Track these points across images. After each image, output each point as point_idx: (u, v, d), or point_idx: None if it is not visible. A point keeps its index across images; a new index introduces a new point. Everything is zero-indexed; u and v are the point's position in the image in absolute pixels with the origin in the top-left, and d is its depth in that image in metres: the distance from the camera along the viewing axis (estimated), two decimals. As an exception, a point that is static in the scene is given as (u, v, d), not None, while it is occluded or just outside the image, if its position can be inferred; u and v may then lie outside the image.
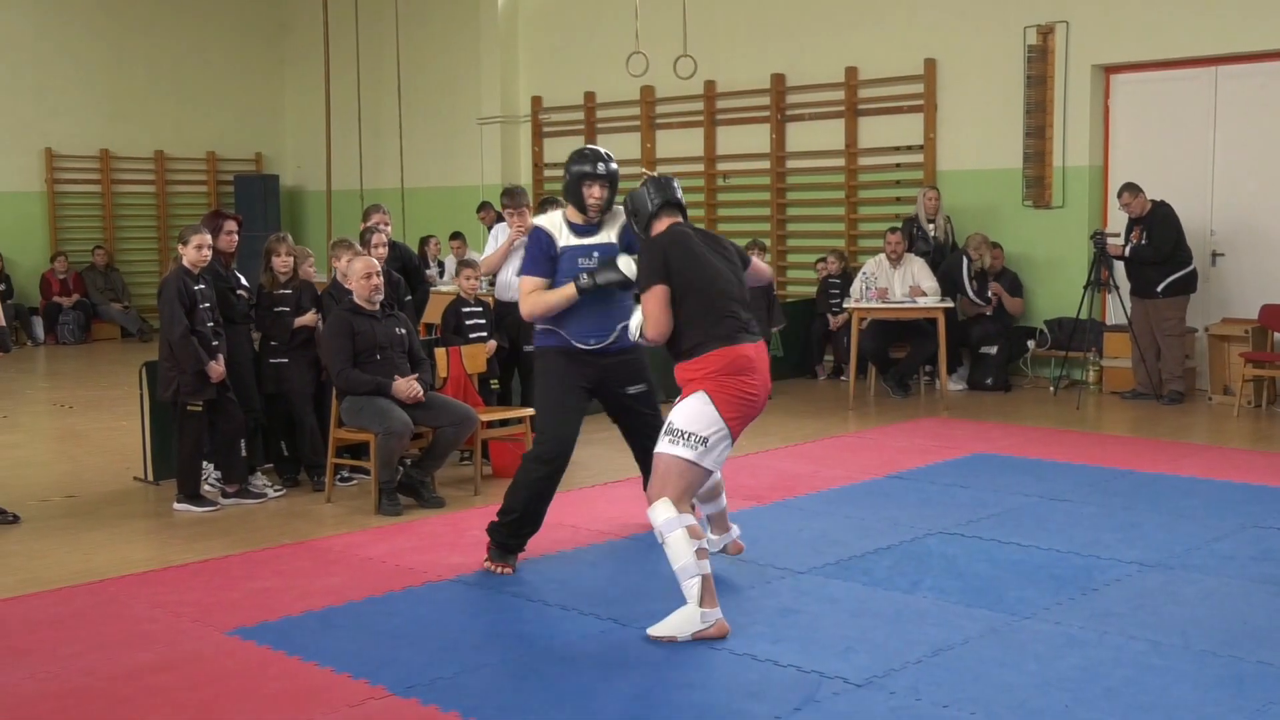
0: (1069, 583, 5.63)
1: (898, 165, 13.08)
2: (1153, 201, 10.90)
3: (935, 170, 12.75)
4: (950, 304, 11.19)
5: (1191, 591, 5.53)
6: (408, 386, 7.21)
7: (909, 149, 12.96)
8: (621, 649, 4.91)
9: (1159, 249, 10.76)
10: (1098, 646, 4.82)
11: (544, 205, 9.83)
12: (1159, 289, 10.82)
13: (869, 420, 10.23)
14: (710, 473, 5.19)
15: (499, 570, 5.90)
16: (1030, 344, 12.09)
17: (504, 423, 8.05)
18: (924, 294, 11.20)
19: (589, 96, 15.44)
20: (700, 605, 4.91)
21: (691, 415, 5.08)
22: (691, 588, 4.92)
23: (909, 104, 12.89)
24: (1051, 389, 11.67)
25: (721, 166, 14.50)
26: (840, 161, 13.46)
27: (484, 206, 14.26)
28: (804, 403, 11.18)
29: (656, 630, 4.96)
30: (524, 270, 6.00)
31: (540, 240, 5.97)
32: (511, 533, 5.92)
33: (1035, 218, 12.22)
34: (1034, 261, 12.22)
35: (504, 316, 8.89)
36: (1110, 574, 5.75)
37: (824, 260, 12.82)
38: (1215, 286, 11.35)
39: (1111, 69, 11.92)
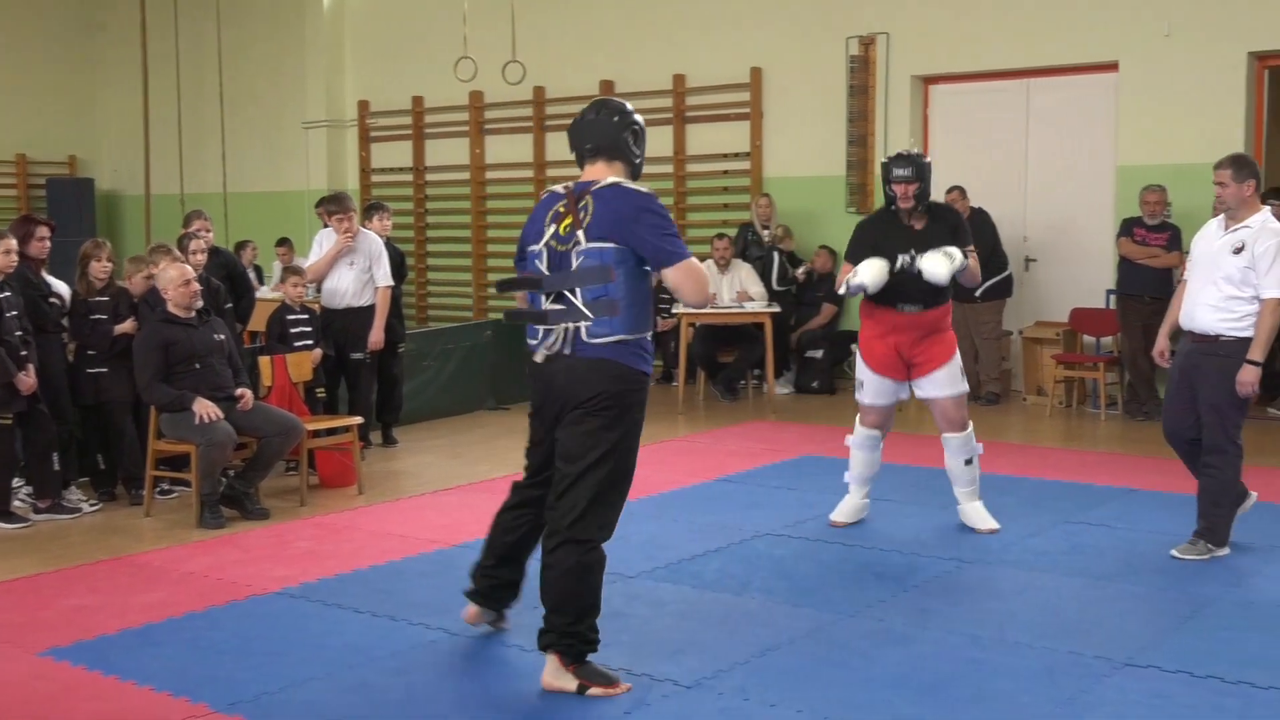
0: (891, 580, 5.76)
1: (725, 172, 13.25)
2: (972, 208, 11.23)
3: (762, 177, 12.94)
4: (777, 309, 11.36)
5: (1008, 586, 5.71)
6: (203, 408, 6.98)
7: (736, 156, 13.14)
8: (452, 658, 4.88)
9: (978, 255, 11.07)
10: (919, 642, 4.95)
11: (370, 211, 9.73)
12: (977, 294, 11.14)
13: (698, 424, 10.33)
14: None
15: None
16: (854, 348, 12.32)
17: (330, 431, 7.93)
18: (751, 299, 11.35)
19: (417, 101, 15.29)
20: None
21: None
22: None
23: (736, 112, 13.07)
24: (876, 391, 11.92)
25: (551, 173, 14.49)
26: (669, 168, 13.56)
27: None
28: (635, 407, 11.22)
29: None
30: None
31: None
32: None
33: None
34: (857, 267, 12.45)
35: (330, 323, 8.75)
36: (931, 571, 5.91)
37: (652, 266, 12.89)
38: (1029, 291, 11.75)
39: (930, 80, 12.26)
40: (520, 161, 14.57)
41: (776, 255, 12.03)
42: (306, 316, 8.55)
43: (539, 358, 4.49)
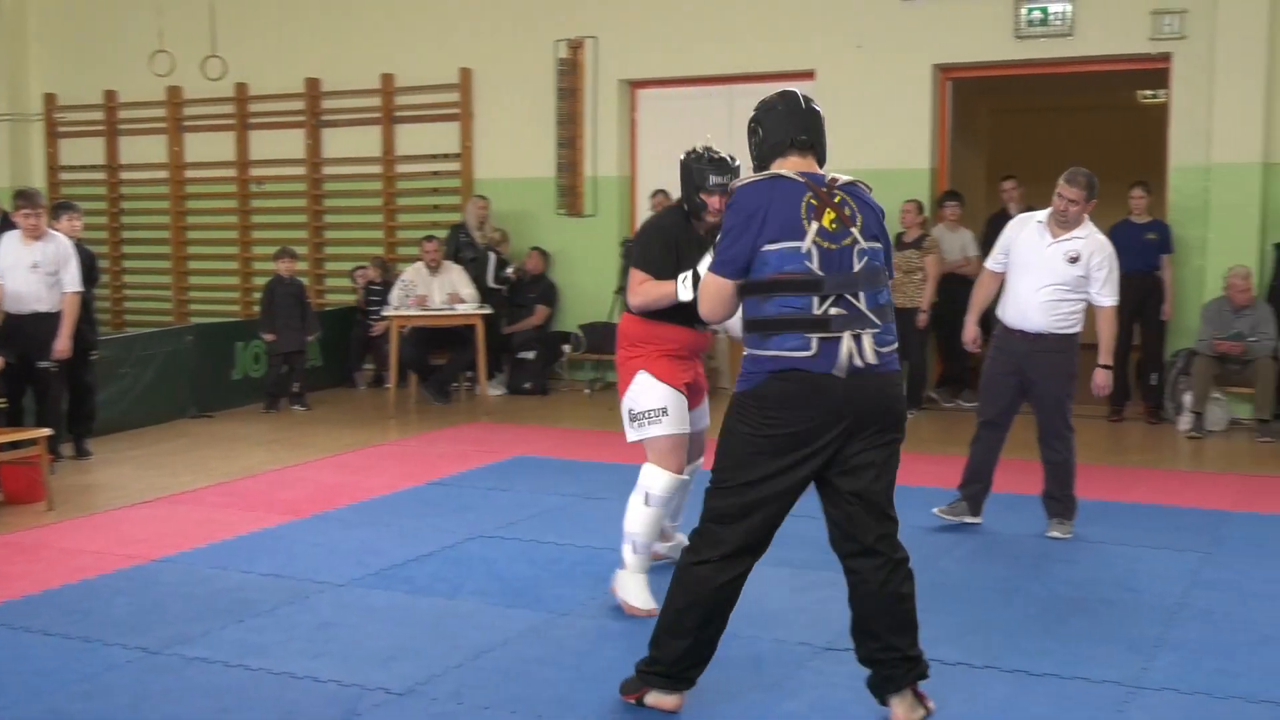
0: (605, 578, 5.80)
1: (435, 173, 13.15)
2: (678, 211, 11.47)
3: (473, 179, 12.90)
4: (489, 310, 11.33)
5: (716, 579, 5.84)
6: None
7: (446, 157, 13.06)
8: (151, 679, 4.66)
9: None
10: (632, 637, 5.00)
11: (58, 210, 9.21)
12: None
13: (410, 428, 10.21)
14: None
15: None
16: (566, 348, 12.44)
17: (14, 445, 7.47)
18: (463, 301, 11.29)
19: (110, 95, 14.59)
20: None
21: None
22: None
23: (445, 112, 12.98)
24: (587, 391, 12.07)
25: (255, 172, 14.08)
26: (378, 169, 13.38)
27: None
28: (343, 412, 11.03)
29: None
30: None
31: None
32: None
33: (569, 226, 12.59)
34: (568, 268, 12.58)
35: (14, 330, 8.25)
36: (642, 567, 5.99)
37: (362, 268, 12.72)
38: (734, 291, 12.06)
39: (637, 84, 12.47)
40: (222, 160, 14.09)
41: (493, 257, 11.99)
42: (-12, 322, 8.03)
43: (838, 371, 3.89)
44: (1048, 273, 6.40)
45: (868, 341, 3.91)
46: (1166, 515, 7.06)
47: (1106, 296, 6.43)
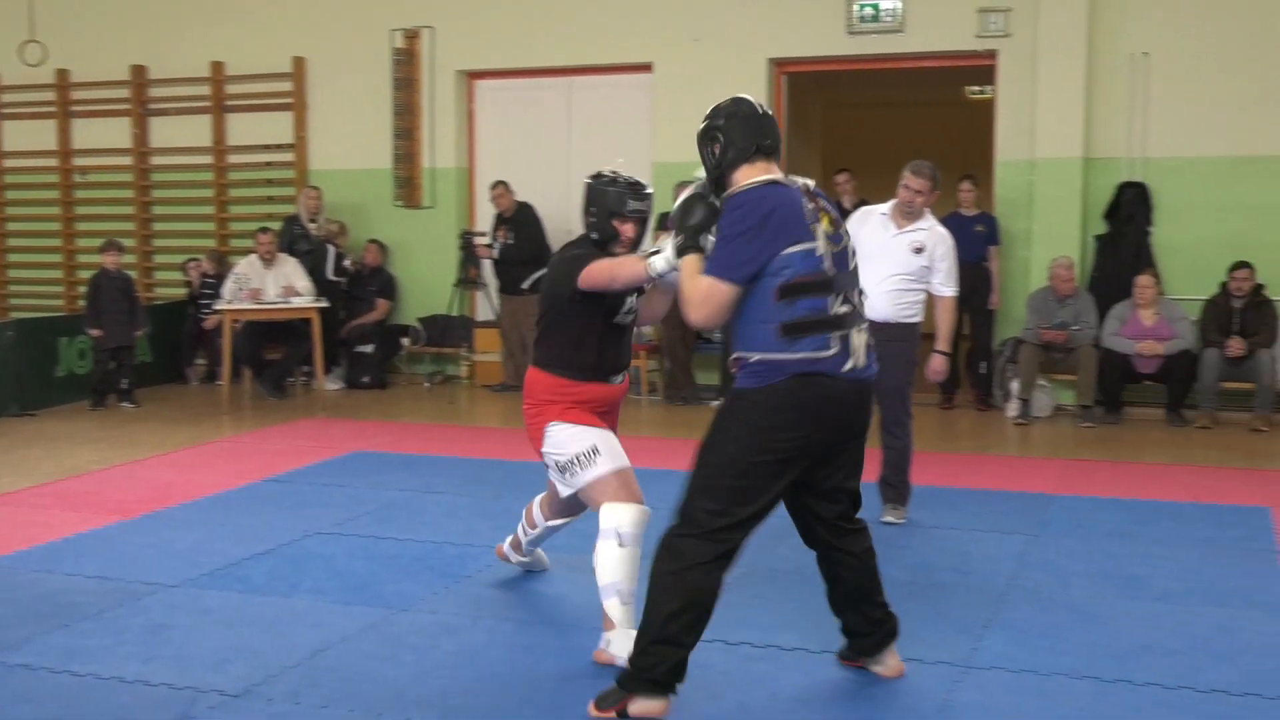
0: (444, 573, 5.78)
1: (269, 164, 12.88)
2: (518, 202, 11.44)
3: (307, 170, 12.68)
4: (325, 304, 11.15)
5: (557, 570, 5.81)
6: None
7: (280, 147, 12.80)
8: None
9: (523, 248, 11.31)
10: (472, 631, 4.99)
11: None
12: (525, 286, 11.37)
13: (245, 424, 10.00)
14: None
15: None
16: (405, 341, 12.32)
17: None
18: (298, 294, 11.09)
19: (-80, 81, 13.99)
20: None
21: None
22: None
23: (278, 102, 12.73)
24: (426, 384, 11.96)
25: (79, 162, 13.62)
26: (209, 159, 13.06)
27: None
28: (176, 409, 10.75)
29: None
30: None
31: None
32: None
33: (407, 218, 12.46)
34: (407, 261, 12.45)
35: None
36: (482, 560, 5.96)
37: (195, 261, 12.41)
38: (574, 283, 12.06)
39: (475, 75, 12.39)
40: (43, 150, 13.61)
41: (331, 250, 11.79)
42: None
43: (847, 370, 3.96)
44: (893, 263, 6.54)
45: (862, 340, 4.04)
46: (995, 499, 7.28)
47: (948, 287, 6.62)
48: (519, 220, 11.39)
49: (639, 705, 4.02)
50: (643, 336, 11.47)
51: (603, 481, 4.71)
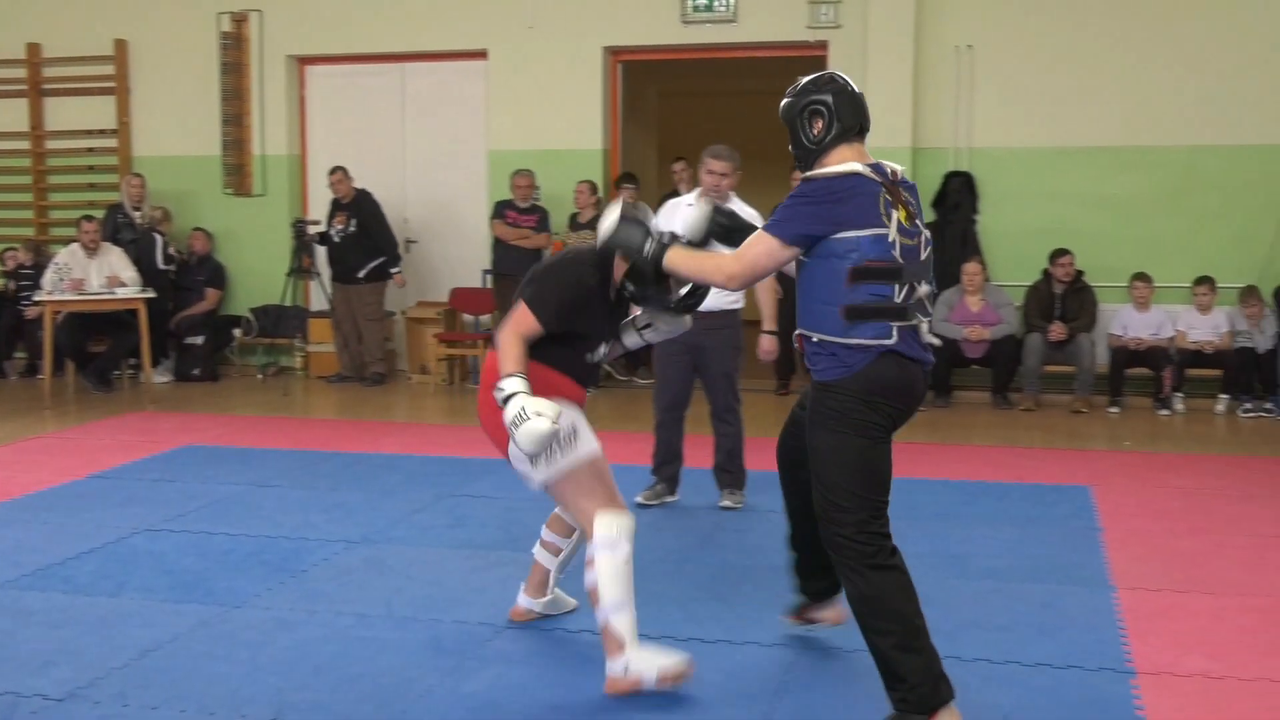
0: (278, 567, 5.67)
1: (90, 150, 12.47)
2: (357, 189, 11.27)
3: (131, 156, 12.31)
4: (152, 294, 10.85)
5: (395, 562, 5.78)
6: None
7: (102, 133, 12.40)
8: None
9: (369, 234, 11.17)
10: (307, 626, 4.91)
11: None
12: (361, 275, 11.22)
13: (69, 419, 9.67)
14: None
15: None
16: (237, 332, 12.05)
17: None
18: (123, 284, 10.77)
19: None
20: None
21: None
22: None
23: (100, 86, 12.33)
24: (260, 376, 11.73)
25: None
26: (25, 144, 12.59)
27: None
28: (-6, 404, 10.36)
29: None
30: None
31: None
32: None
33: (237, 205, 12.19)
34: (238, 250, 12.18)
35: None
36: (318, 554, 5.87)
37: (11, 250, 11.95)
38: (410, 272, 11.96)
39: (305, 60, 12.17)
40: None
41: (158, 238, 11.47)
42: None
43: (921, 358, 3.97)
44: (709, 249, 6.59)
45: (924, 329, 3.98)
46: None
47: None
48: (359, 207, 11.22)
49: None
50: (479, 326, 11.43)
51: (580, 474, 4.30)
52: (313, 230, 11.27)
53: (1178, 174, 10.48)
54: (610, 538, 4.22)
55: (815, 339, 3.93)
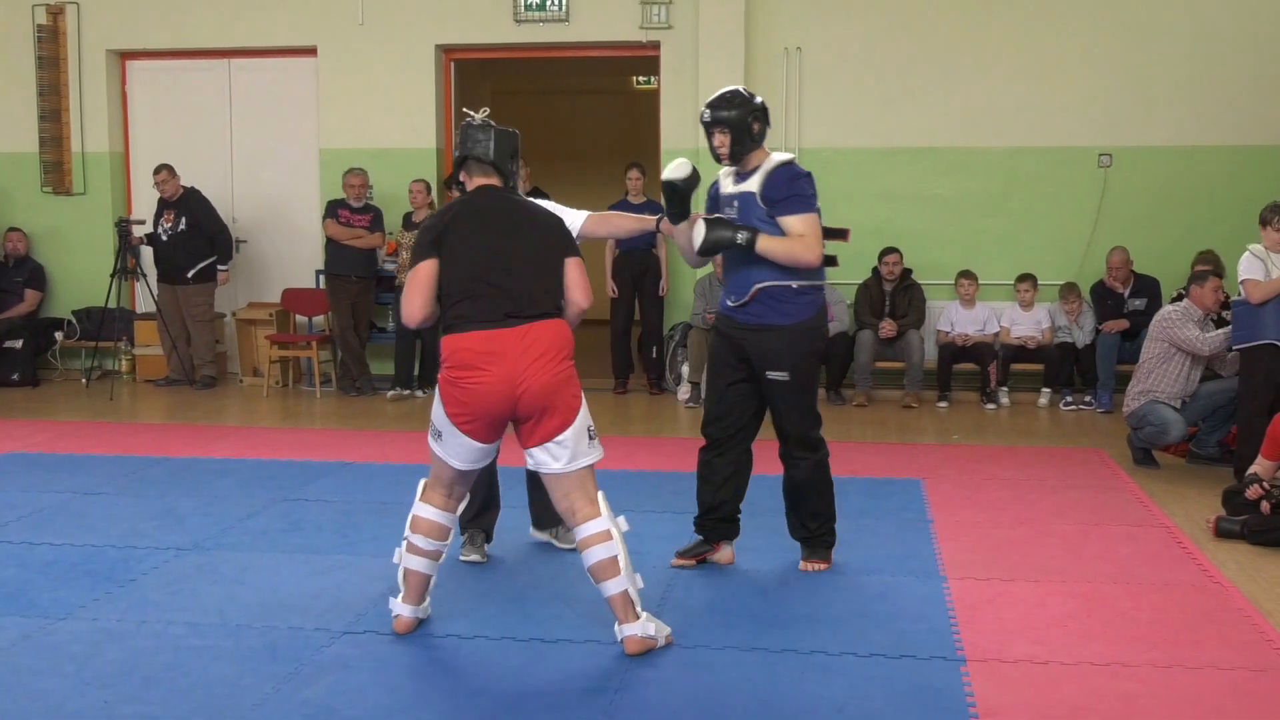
0: (106, 577, 5.50)
1: (-103, 146, 11.94)
2: (184, 187, 10.99)
3: (-59, 153, 11.83)
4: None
5: (228, 569, 5.65)
6: None
7: (-91, 129, 11.89)
8: None
9: (201, 230, 10.90)
10: (136, 636, 4.77)
11: None
12: (190, 275, 10.95)
13: (-123, 427, 9.25)
14: (456, 470, 4.57)
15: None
16: (59, 335, 11.67)
17: None
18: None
19: None
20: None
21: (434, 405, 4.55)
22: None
23: (-93, 79, 11.80)
24: (84, 380, 11.36)
25: None
26: None
27: None
28: None
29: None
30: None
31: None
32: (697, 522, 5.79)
33: (57, 205, 11.80)
34: (58, 250, 11.80)
35: None
36: (148, 563, 5.72)
37: None
38: (240, 272, 11.72)
39: (127, 55, 11.83)
40: None
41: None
42: None
43: None
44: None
45: None
46: (666, 480, 7.46)
47: None
48: (188, 205, 10.93)
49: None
50: (312, 326, 11.26)
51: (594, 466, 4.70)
52: (138, 230, 10.96)
53: (999, 175, 10.84)
54: (612, 515, 4.62)
55: (795, 285, 5.37)
